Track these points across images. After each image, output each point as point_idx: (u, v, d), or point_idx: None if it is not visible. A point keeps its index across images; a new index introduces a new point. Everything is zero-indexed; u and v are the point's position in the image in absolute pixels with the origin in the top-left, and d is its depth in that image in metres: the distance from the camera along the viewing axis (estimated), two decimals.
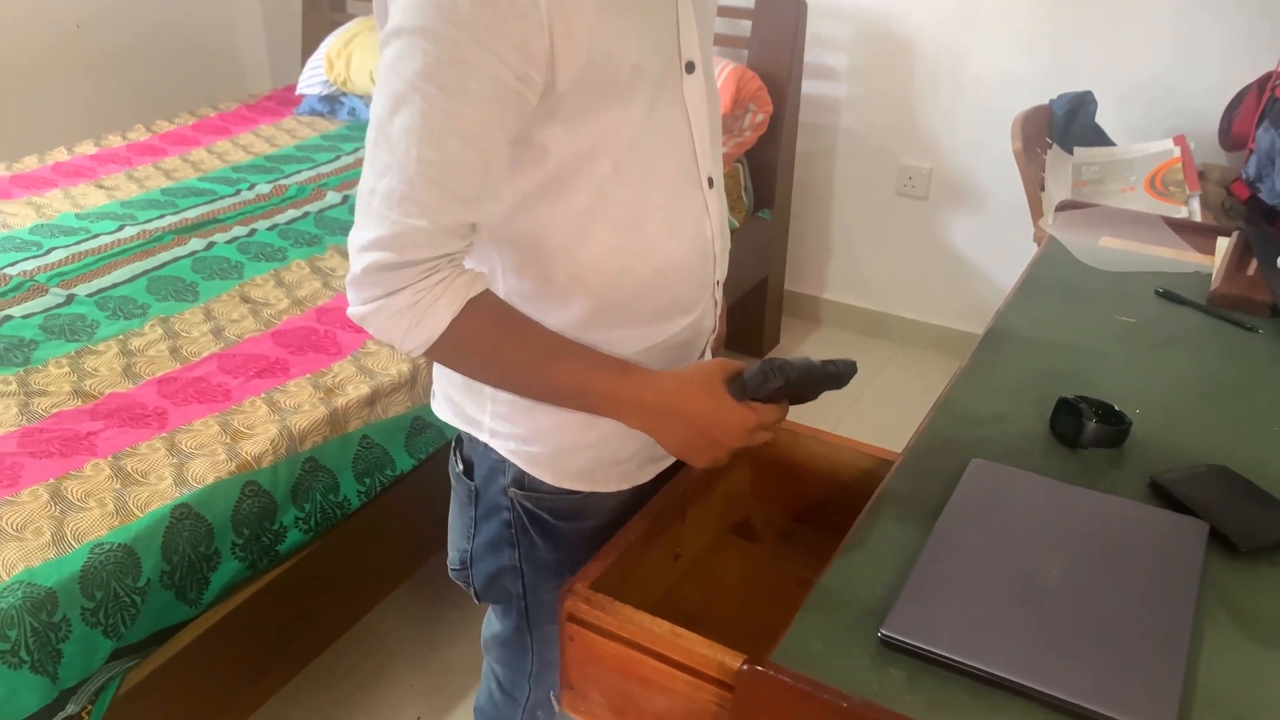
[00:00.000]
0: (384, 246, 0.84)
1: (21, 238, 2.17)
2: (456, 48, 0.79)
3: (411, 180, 0.82)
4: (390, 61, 0.82)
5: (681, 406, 0.94)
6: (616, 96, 0.89)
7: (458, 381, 1.06)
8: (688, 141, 0.98)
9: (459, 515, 1.15)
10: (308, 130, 2.91)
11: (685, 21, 0.95)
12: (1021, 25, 2.56)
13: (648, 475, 1.11)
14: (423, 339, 0.88)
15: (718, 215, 1.05)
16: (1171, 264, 1.53)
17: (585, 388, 0.93)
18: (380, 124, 0.83)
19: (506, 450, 1.05)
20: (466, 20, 0.78)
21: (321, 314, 1.88)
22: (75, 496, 1.37)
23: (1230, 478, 1.03)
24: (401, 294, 0.86)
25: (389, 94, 0.82)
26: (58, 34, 3.07)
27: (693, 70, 0.97)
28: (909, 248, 2.96)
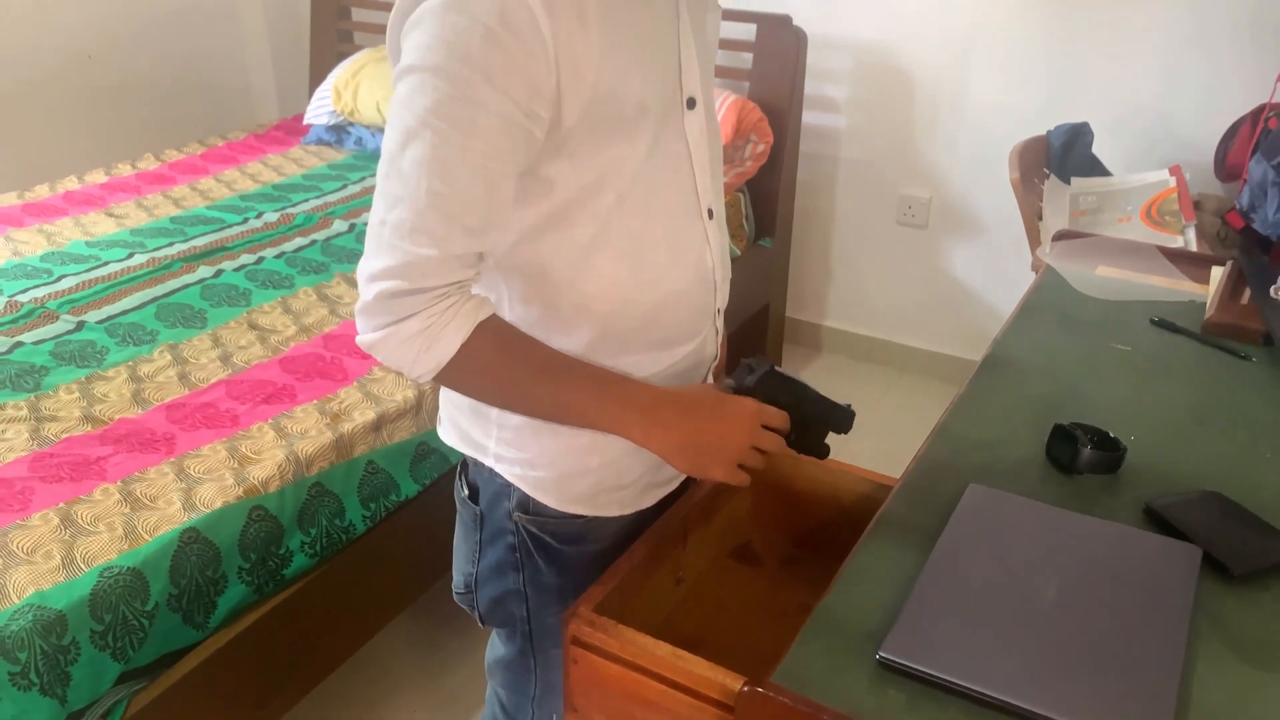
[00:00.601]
0: (394, 275, 0.86)
1: (33, 265, 2.20)
2: (467, 85, 0.82)
3: (422, 211, 0.85)
4: (403, 97, 0.84)
5: (685, 404, 0.98)
6: (621, 131, 0.92)
7: (464, 407, 1.08)
8: (689, 174, 1.01)
9: (464, 539, 1.16)
10: (315, 159, 2.94)
11: (687, 59, 0.98)
12: (1019, 58, 2.60)
13: (650, 500, 1.13)
14: (433, 363, 0.90)
15: (718, 245, 1.07)
16: (1166, 293, 1.56)
17: (591, 404, 0.96)
18: (392, 157, 0.86)
19: (511, 475, 1.06)
20: (477, 59, 0.81)
21: (328, 341, 1.91)
22: (85, 520, 1.39)
23: (1224, 503, 1.05)
24: (412, 320, 0.88)
25: (401, 129, 0.85)
26: (70, 64, 3.12)
27: (693, 106, 1.00)
28: (909, 276, 2.98)
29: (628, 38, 0.90)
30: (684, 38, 0.97)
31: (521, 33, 0.81)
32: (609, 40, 0.87)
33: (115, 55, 3.23)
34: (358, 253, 2.26)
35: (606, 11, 0.87)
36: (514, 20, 0.81)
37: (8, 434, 1.59)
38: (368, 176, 2.79)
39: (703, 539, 1.21)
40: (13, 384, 1.73)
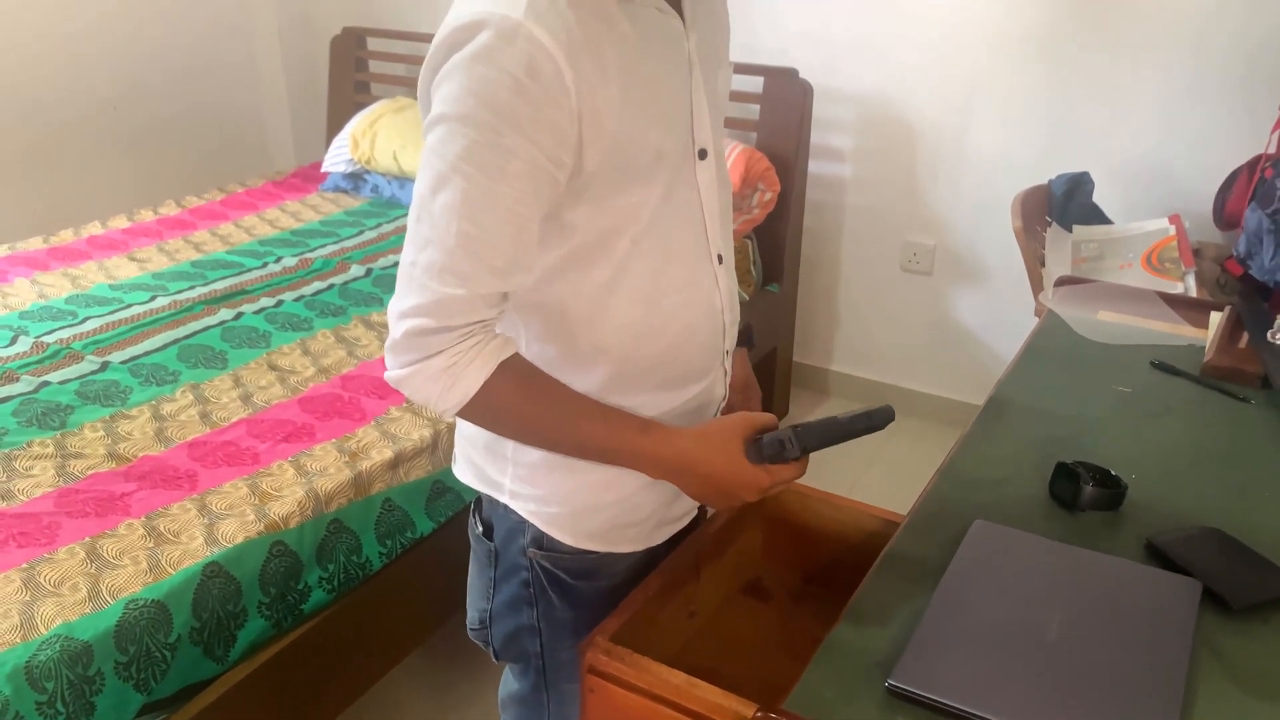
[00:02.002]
0: (423, 313, 0.90)
1: (58, 307, 2.26)
2: (495, 133, 0.86)
3: (451, 252, 0.89)
4: (434, 145, 0.89)
5: (698, 469, 1.00)
6: (638, 178, 0.96)
7: (479, 445, 1.11)
8: (700, 221, 1.05)
9: (478, 576, 1.19)
10: (332, 206, 3.01)
11: (699, 112, 1.02)
12: (1019, 109, 2.66)
13: (661, 537, 1.16)
14: (457, 399, 0.93)
15: (727, 289, 1.11)
16: (1166, 337, 1.60)
17: (609, 446, 1.00)
18: (423, 202, 0.90)
19: (526, 511, 1.09)
20: (505, 108, 0.85)
21: (346, 381, 1.95)
22: (110, 554, 1.43)
23: (1223, 539, 1.08)
24: (438, 358, 0.92)
25: (432, 174, 0.89)
26: (95, 113, 3.21)
27: (705, 156, 1.04)
28: (914, 321, 3.03)
29: (644, 90, 0.94)
30: (696, 91, 1.01)
31: (547, 83, 0.85)
32: (627, 92, 0.92)
33: (138, 104, 3.32)
34: (375, 296, 2.33)
35: (624, 65, 0.91)
36: (540, 72, 0.85)
37: (35, 470, 1.63)
38: (383, 223, 2.86)
39: (715, 574, 1.24)
40: (39, 422, 1.77)
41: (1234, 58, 2.39)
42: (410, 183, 3.01)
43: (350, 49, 3.45)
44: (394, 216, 2.91)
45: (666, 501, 1.13)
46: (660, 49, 0.97)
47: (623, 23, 0.92)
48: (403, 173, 3.01)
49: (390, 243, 2.69)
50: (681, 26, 0.99)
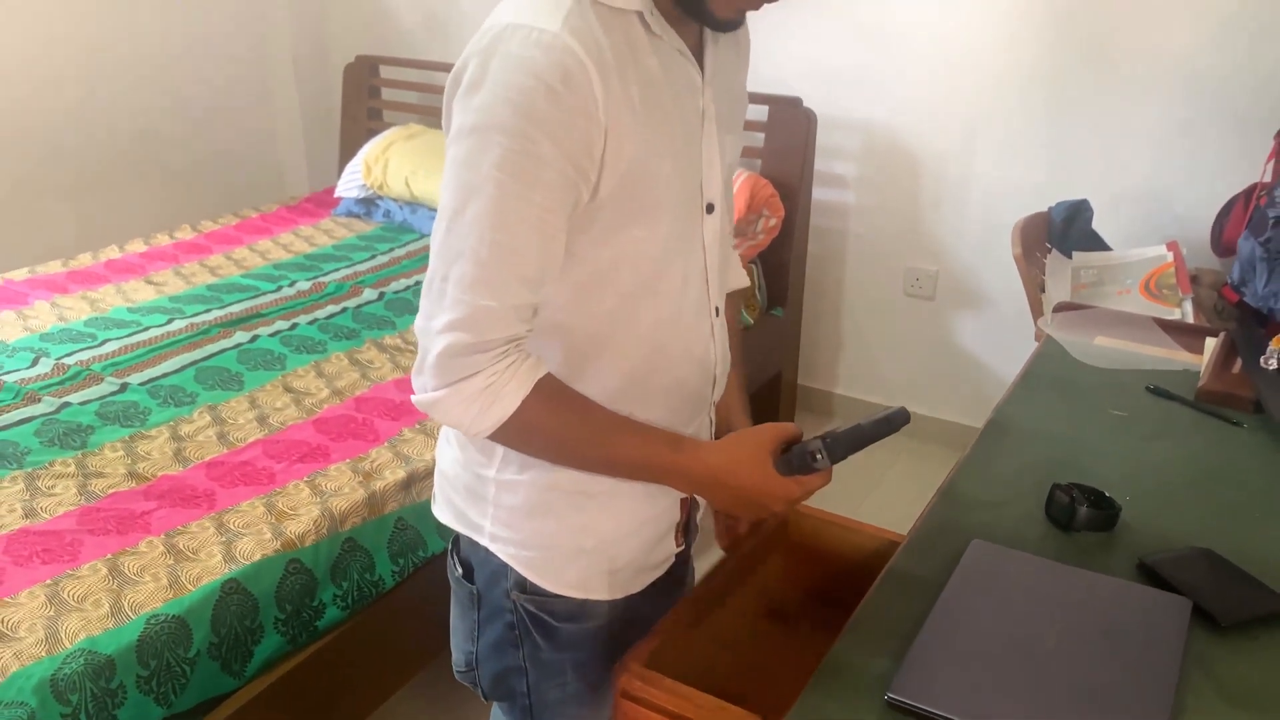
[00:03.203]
0: (459, 328, 0.90)
1: (78, 330, 2.31)
2: (530, 140, 0.86)
3: (484, 263, 0.89)
4: (464, 157, 0.89)
5: (729, 482, 1.01)
6: (644, 215, 0.97)
7: (459, 486, 1.11)
8: (701, 273, 1.06)
9: (461, 618, 1.18)
10: (344, 231, 3.07)
11: (709, 165, 1.04)
12: (1020, 138, 2.71)
13: (640, 585, 1.15)
14: (493, 420, 0.94)
15: (721, 341, 1.12)
16: (1162, 362, 1.63)
17: (641, 462, 1.01)
18: (452, 215, 0.90)
19: (506, 555, 1.09)
20: (540, 116, 0.86)
21: (360, 403, 1.99)
22: (132, 571, 1.47)
23: (1213, 559, 1.11)
24: (475, 379, 0.92)
25: (461, 186, 0.89)
26: (113, 140, 3.27)
27: (712, 211, 1.05)
28: (917, 346, 3.07)
29: (661, 127, 0.95)
30: (708, 143, 1.03)
31: (580, 94, 0.86)
32: (646, 124, 0.92)
33: (155, 131, 3.39)
34: (387, 319, 2.37)
35: (646, 98, 0.93)
36: (574, 81, 0.86)
37: (57, 489, 1.68)
38: (395, 247, 2.91)
39: (739, 600, 1.26)
40: (61, 442, 1.81)
41: (1230, 89, 2.44)
42: (422, 208, 3.07)
43: (363, 77, 3.52)
44: (405, 241, 2.96)
45: (645, 549, 1.13)
46: (679, 92, 0.98)
47: (650, 56, 0.94)
48: (414, 198, 3.07)
49: (402, 267, 2.74)
50: (700, 78, 1.01)
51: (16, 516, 1.59)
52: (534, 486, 1.06)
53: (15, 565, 1.47)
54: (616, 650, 1.16)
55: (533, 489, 1.07)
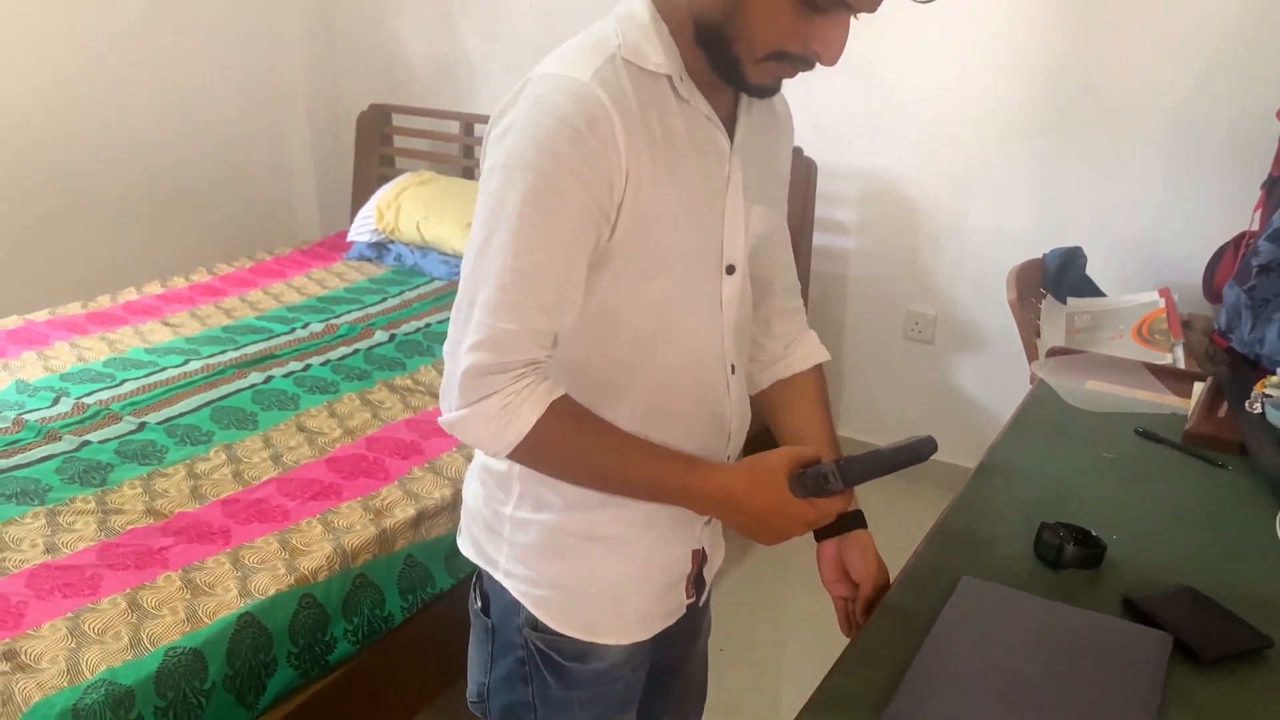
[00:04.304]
0: (481, 348, 0.95)
1: (97, 370, 2.37)
2: (553, 178, 0.92)
3: (506, 288, 0.94)
4: (493, 191, 0.94)
5: (744, 504, 1.01)
6: (658, 265, 1.00)
7: (479, 521, 1.15)
8: (718, 332, 1.09)
9: (477, 649, 1.21)
10: (356, 274, 3.14)
11: (732, 229, 1.07)
12: (1016, 185, 2.79)
13: (648, 632, 1.17)
14: (511, 439, 0.97)
15: (737, 398, 1.14)
16: (1151, 405, 1.68)
17: (656, 482, 1.02)
18: (481, 244, 0.95)
19: (517, 591, 1.12)
20: (564, 156, 0.92)
21: (371, 442, 2.04)
22: (150, 605, 1.51)
23: (1196, 597, 1.15)
24: (493, 398, 0.95)
25: (489, 218, 0.95)
26: (131, 184, 3.36)
27: (732, 272, 1.08)
28: (918, 389, 3.12)
29: (680, 183, 0.99)
30: (731, 208, 1.06)
31: (604, 138, 0.92)
32: (665, 176, 0.97)
33: (173, 176, 3.48)
34: (398, 361, 2.43)
35: (669, 152, 0.98)
36: (598, 126, 0.92)
37: (77, 525, 1.73)
38: (406, 290, 2.98)
39: None
40: (81, 480, 1.87)
41: (1221, 139, 2.51)
42: (433, 252, 3.14)
43: (376, 125, 3.61)
44: (416, 284, 3.03)
45: (655, 597, 1.16)
46: (703, 154, 1.02)
47: (675, 117, 0.99)
48: (425, 242, 3.15)
49: (413, 309, 2.81)
50: (728, 145, 1.04)
51: (39, 551, 1.64)
52: (546, 527, 1.10)
53: (37, 599, 1.52)
54: (625, 693, 1.19)
55: (545, 529, 1.10)
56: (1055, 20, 2.62)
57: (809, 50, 0.95)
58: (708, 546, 1.21)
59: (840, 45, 0.94)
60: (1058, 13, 2.61)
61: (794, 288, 1.29)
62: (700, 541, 1.19)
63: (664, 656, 1.25)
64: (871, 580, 1.21)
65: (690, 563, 1.18)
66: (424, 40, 3.61)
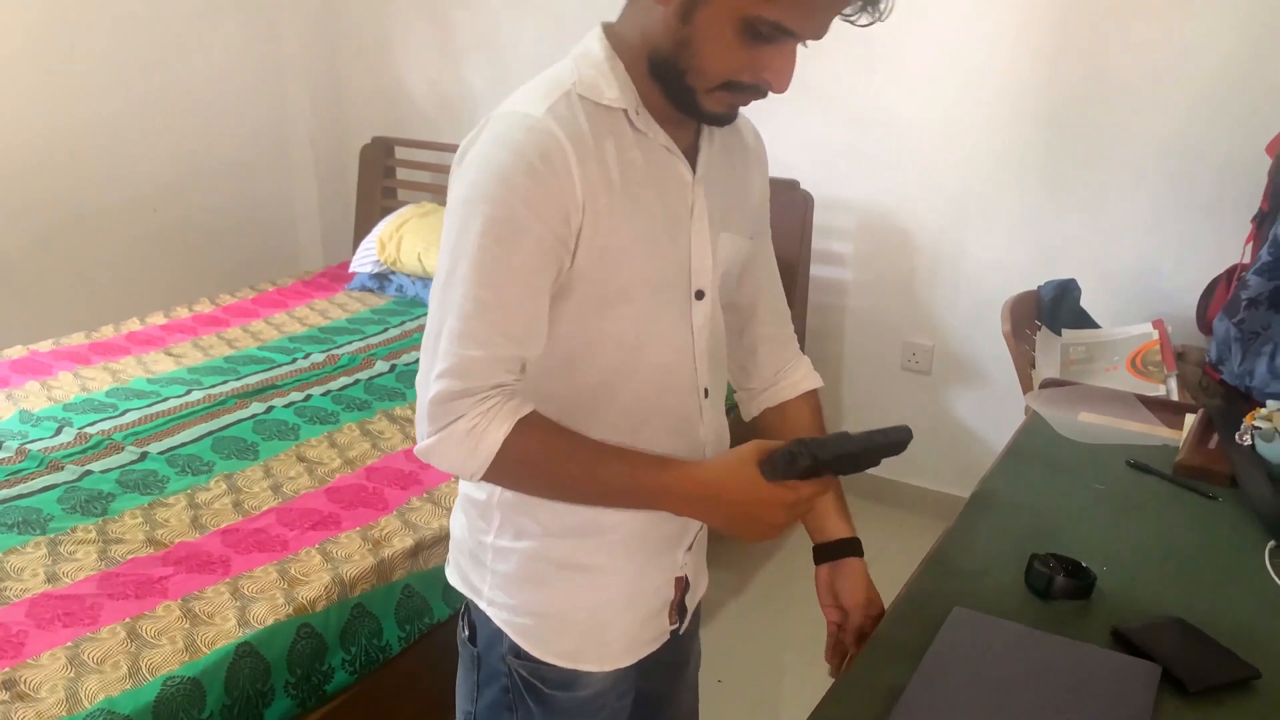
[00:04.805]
0: (448, 375, 0.97)
1: (99, 400, 2.39)
2: (510, 209, 0.95)
3: (469, 317, 0.96)
4: (454, 225, 0.97)
5: (719, 495, 1.00)
6: (620, 293, 1.02)
7: (465, 551, 1.16)
8: (690, 357, 1.11)
9: (464, 678, 1.22)
10: (358, 305, 3.17)
11: (699, 256, 1.08)
12: (1010, 218, 2.82)
13: (632, 659, 1.18)
14: (482, 460, 0.98)
15: (711, 422, 1.15)
16: (1142, 437, 1.70)
17: (630, 484, 1.02)
18: (445, 277, 0.98)
19: (500, 620, 1.14)
20: (519, 188, 0.95)
21: (371, 473, 2.06)
22: (149, 634, 1.52)
23: (1184, 628, 1.16)
24: (460, 421, 0.97)
25: (451, 251, 0.97)
26: (135, 215, 3.40)
27: (702, 298, 1.10)
28: (915, 419, 3.13)
29: (641, 215, 1.01)
30: (697, 237, 1.08)
31: (557, 170, 0.95)
32: (624, 206, 0.99)
33: (177, 207, 3.52)
34: (398, 391, 2.45)
35: (627, 183, 1.00)
36: (552, 159, 0.95)
37: (78, 554, 1.74)
38: (407, 320, 3.01)
39: None
40: (83, 509, 1.88)
41: (1214, 172, 2.54)
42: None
43: (379, 157, 3.66)
44: (417, 315, 3.06)
45: (638, 624, 1.17)
46: (664, 185, 1.05)
47: (633, 149, 1.01)
48: (426, 273, 3.18)
49: (413, 339, 2.83)
50: (690, 175, 1.07)
51: (39, 581, 1.66)
52: (526, 555, 1.12)
53: (38, 628, 1.53)
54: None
55: (525, 557, 1.12)
56: (1047, 56, 2.66)
57: (759, 79, 0.97)
58: (690, 574, 1.22)
59: (789, 72, 0.97)
60: (1049, 49, 2.65)
61: (781, 315, 1.31)
62: (682, 569, 1.20)
63: (651, 685, 1.26)
64: (861, 609, 1.23)
65: (673, 590, 1.20)
66: (427, 75, 3.67)
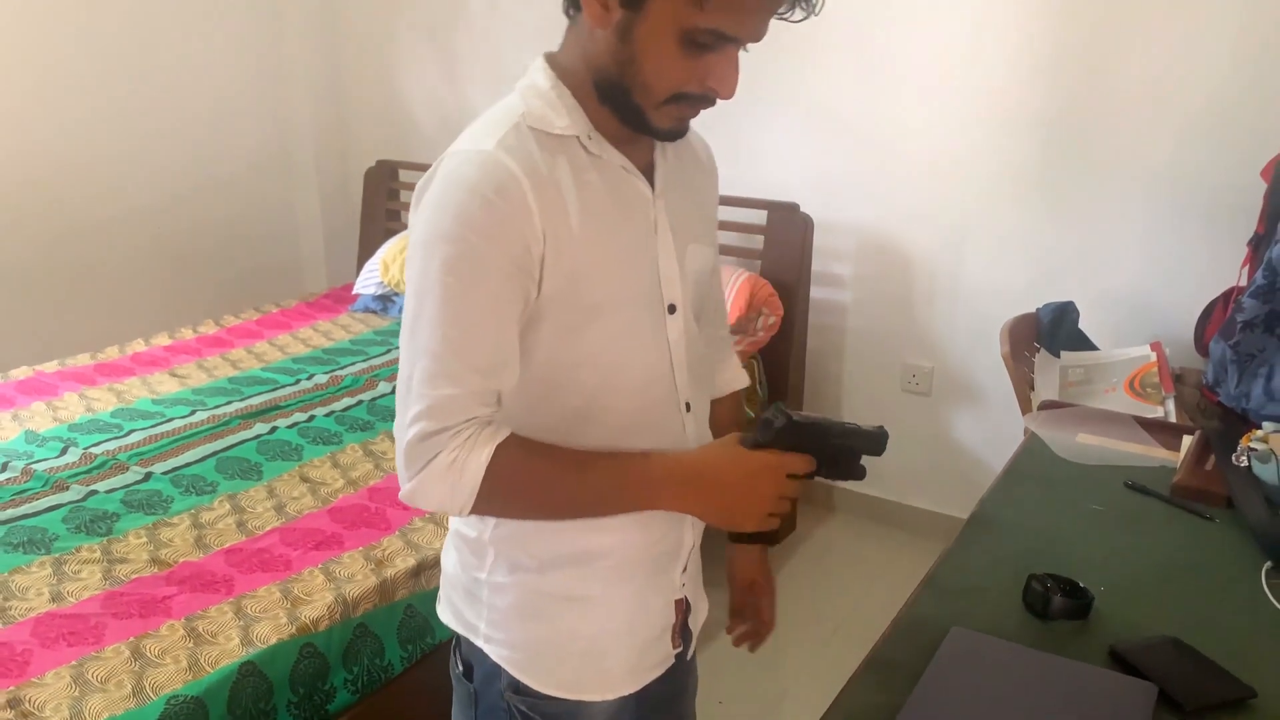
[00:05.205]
0: (423, 417, 0.97)
1: (104, 420, 2.40)
2: (470, 245, 0.95)
3: (439, 356, 0.96)
4: (417, 267, 0.98)
5: (707, 474, 1.03)
6: (596, 316, 1.03)
7: (458, 588, 1.16)
8: (669, 371, 1.11)
9: (460, 714, 1.21)
10: (361, 326, 3.19)
11: (667, 272, 1.10)
12: (1008, 241, 2.84)
13: (634, 685, 1.18)
14: (468, 491, 0.98)
15: (695, 436, 1.15)
16: (1140, 459, 1.71)
17: (620, 484, 1.03)
18: (411, 320, 0.98)
19: (499, 656, 1.13)
20: (477, 223, 0.95)
21: (373, 493, 2.07)
22: (153, 653, 1.53)
23: (1181, 647, 1.17)
24: (439, 457, 0.97)
25: (416, 293, 0.98)
26: (138, 238, 3.43)
27: (674, 311, 1.11)
28: (915, 440, 3.14)
29: (606, 235, 1.02)
30: (663, 252, 1.09)
31: (514, 202, 0.95)
32: (587, 230, 1.00)
33: (181, 229, 3.55)
34: None
35: (587, 207, 1.01)
36: (507, 191, 0.95)
37: (83, 574, 1.75)
38: None
39: None
40: (87, 529, 1.89)
41: (1210, 196, 2.55)
42: None
43: (383, 180, 3.69)
44: None
45: (639, 650, 1.18)
46: (626, 204, 1.06)
47: (590, 173, 1.02)
48: None
49: None
50: (650, 192, 1.08)
51: (44, 600, 1.67)
52: (523, 589, 1.12)
53: (42, 647, 1.54)
54: None
55: (522, 591, 1.12)
56: (1045, 79, 2.69)
57: (705, 88, 0.99)
58: (690, 597, 1.23)
59: (733, 78, 0.98)
60: (1047, 73, 2.68)
61: (722, 314, 1.32)
62: (681, 590, 1.20)
63: (653, 715, 1.26)
64: (746, 590, 1.36)
65: (674, 613, 1.20)
66: (430, 98, 3.71)
